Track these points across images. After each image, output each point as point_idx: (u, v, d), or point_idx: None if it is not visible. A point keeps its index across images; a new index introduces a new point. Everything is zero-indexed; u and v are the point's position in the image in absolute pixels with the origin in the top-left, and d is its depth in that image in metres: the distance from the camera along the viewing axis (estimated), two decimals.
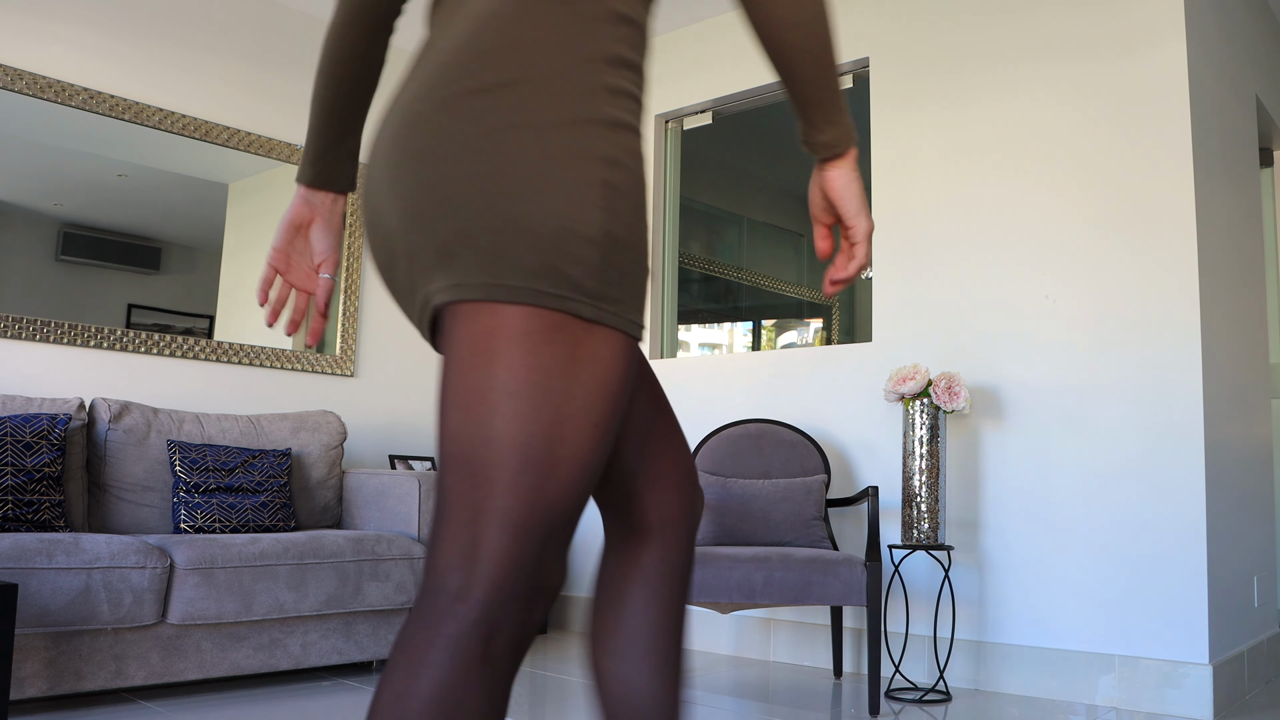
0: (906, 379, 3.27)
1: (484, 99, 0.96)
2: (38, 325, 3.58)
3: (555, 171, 0.94)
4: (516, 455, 0.93)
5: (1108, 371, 3.25)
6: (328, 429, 3.87)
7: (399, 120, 1.03)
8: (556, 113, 0.96)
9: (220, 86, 4.14)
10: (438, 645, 0.92)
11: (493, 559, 0.93)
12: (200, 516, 3.32)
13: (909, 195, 3.75)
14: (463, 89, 0.97)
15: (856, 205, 1.16)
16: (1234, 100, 3.72)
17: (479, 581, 0.93)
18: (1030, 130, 3.49)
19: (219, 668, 3.03)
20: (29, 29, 3.65)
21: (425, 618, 0.93)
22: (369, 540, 3.35)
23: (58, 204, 3.74)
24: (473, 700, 0.91)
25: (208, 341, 4.02)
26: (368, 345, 4.56)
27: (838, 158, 1.16)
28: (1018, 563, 3.36)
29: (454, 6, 1.05)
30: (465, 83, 0.97)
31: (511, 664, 0.97)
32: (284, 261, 1.24)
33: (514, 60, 0.97)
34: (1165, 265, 3.18)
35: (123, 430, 3.41)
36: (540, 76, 0.96)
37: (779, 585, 3.00)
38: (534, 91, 0.96)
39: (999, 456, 3.44)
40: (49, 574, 2.68)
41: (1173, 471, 3.10)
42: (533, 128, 0.95)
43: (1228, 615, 3.19)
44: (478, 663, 0.92)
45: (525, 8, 0.99)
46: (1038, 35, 3.51)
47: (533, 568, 0.95)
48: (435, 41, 1.04)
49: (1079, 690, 3.18)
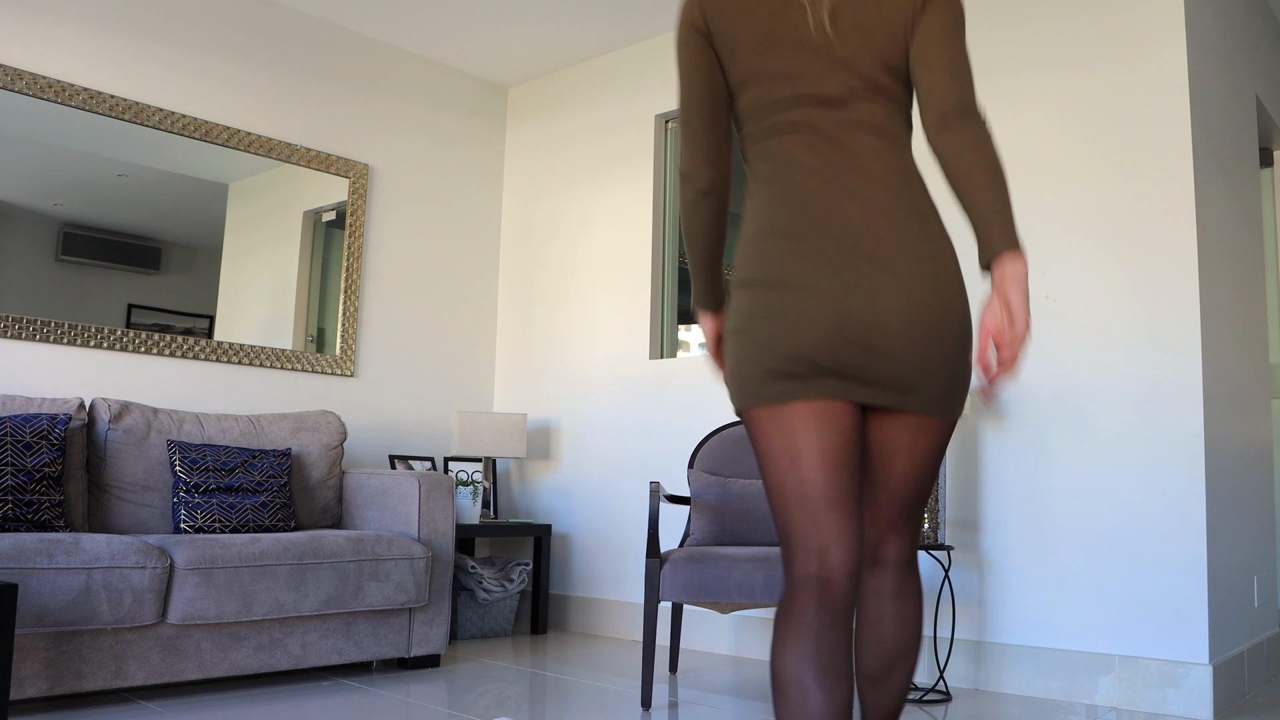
0: None
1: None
2: (38, 325, 3.58)
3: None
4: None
5: (1107, 372, 3.25)
6: (328, 429, 3.87)
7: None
8: None
9: (220, 86, 4.14)
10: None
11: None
12: (200, 516, 3.32)
13: None
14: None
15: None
16: (1234, 100, 3.72)
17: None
18: (1030, 130, 3.49)
19: (219, 668, 3.03)
20: (29, 29, 3.65)
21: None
22: (369, 540, 3.35)
23: (58, 204, 3.74)
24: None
25: (208, 341, 4.02)
26: (368, 345, 4.56)
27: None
28: (1017, 562, 3.36)
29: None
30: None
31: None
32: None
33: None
34: (1165, 265, 3.18)
35: (123, 430, 3.41)
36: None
37: (779, 585, 3.00)
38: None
39: (999, 456, 3.44)
40: (49, 574, 2.68)
41: (1173, 471, 3.10)
42: None
43: (1228, 615, 3.19)
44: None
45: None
46: (1038, 35, 3.50)
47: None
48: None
49: (1079, 690, 3.18)
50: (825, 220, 1.48)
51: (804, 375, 1.46)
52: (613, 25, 4.54)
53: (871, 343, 1.45)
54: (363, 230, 4.57)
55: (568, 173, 4.86)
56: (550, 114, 5.01)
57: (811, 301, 1.45)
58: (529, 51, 4.81)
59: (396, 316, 4.69)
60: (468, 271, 4.99)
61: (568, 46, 4.75)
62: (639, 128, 4.62)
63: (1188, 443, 3.08)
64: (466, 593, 4.21)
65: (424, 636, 3.50)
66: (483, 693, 3.20)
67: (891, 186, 1.51)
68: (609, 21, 4.50)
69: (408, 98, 4.80)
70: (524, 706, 3.03)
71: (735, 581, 3.01)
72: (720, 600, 3.06)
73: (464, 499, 4.39)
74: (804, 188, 1.51)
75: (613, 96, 4.75)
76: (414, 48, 4.78)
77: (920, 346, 1.47)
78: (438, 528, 3.59)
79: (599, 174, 4.74)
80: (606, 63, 4.81)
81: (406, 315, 4.72)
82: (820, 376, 1.46)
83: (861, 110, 1.54)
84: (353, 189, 4.53)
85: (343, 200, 4.52)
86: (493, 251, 5.11)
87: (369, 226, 4.61)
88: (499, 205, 5.15)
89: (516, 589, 4.32)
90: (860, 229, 1.47)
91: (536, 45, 4.74)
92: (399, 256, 4.72)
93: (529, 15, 4.45)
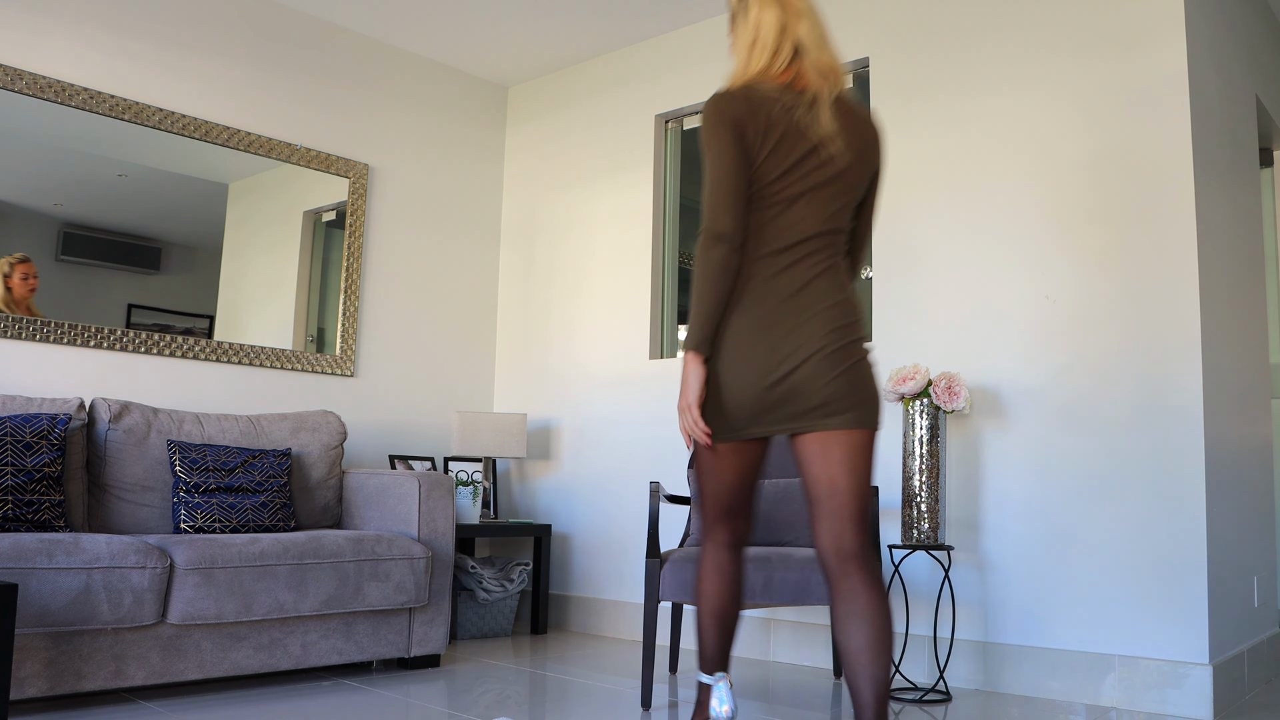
0: (906, 379, 3.27)
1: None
2: (38, 325, 3.58)
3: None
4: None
5: (1107, 372, 3.25)
6: (328, 429, 3.87)
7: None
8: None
9: (220, 86, 4.15)
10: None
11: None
12: (200, 516, 3.32)
13: (909, 195, 3.75)
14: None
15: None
16: (1234, 100, 3.72)
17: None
18: (1030, 130, 3.49)
19: (219, 668, 3.03)
20: (29, 29, 3.65)
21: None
22: (369, 540, 3.35)
23: (58, 204, 3.74)
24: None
25: (208, 341, 4.02)
26: (368, 345, 4.56)
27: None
28: (1018, 563, 3.36)
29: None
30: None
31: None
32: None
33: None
34: (1165, 265, 3.18)
35: (123, 430, 3.41)
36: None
37: (779, 585, 3.00)
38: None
39: (999, 456, 3.44)
40: (49, 574, 2.68)
41: (1172, 471, 3.10)
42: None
43: (1228, 615, 3.19)
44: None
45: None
46: (1037, 35, 3.50)
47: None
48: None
49: (1079, 690, 3.18)
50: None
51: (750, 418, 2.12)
52: (613, 25, 4.54)
53: (798, 385, 2.07)
54: (363, 230, 4.57)
55: (568, 173, 4.86)
56: (550, 114, 5.01)
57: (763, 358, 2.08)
58: (529, 51, 4.81)
59: (396, 316, 4.69)
60: (468, 271, 4.99)
61: (568, 46, 4.75)
62: (639, 128, 4.62)
63: (1187, 442, 3.08)
64: (466, 593, 4.21)
65: (424, 636, 3.50)
66: (483, 693, 3.20)
67: (837, 279, 2.16)
68: (609, 21, 4.50)
69: (408, 98, 4.80)
70: (524, 706, 3.03)
71: None
72: None
73: (464, 499, 4.39)
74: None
75: (613, 96, 4.75)
76: (414, 48, 4.78)
77: (830, 381, 2.07)
78: (438, 528, 3.59)
79: (599, 174, 4.74)
80: (606, 63, 4.81)
81: (406, 315, 4.72)
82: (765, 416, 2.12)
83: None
84: (353, 189, 4.53)
85: (343, 200, 4.52)
86: (493, 251, 5.11)
87: (369, 226, 4.61)
88: (499, 205, 5.15)
89: (516, 589, 4.32)
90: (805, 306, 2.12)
91: (536, 45, 4.74)
92: (399, 256, 4.72)
93: (529, 15, 4.45)
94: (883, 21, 3.91)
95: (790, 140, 2.03)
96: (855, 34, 3.98)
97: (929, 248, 3.68)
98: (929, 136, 3.72)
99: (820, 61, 2.10)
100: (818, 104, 2.06)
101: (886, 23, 3.90)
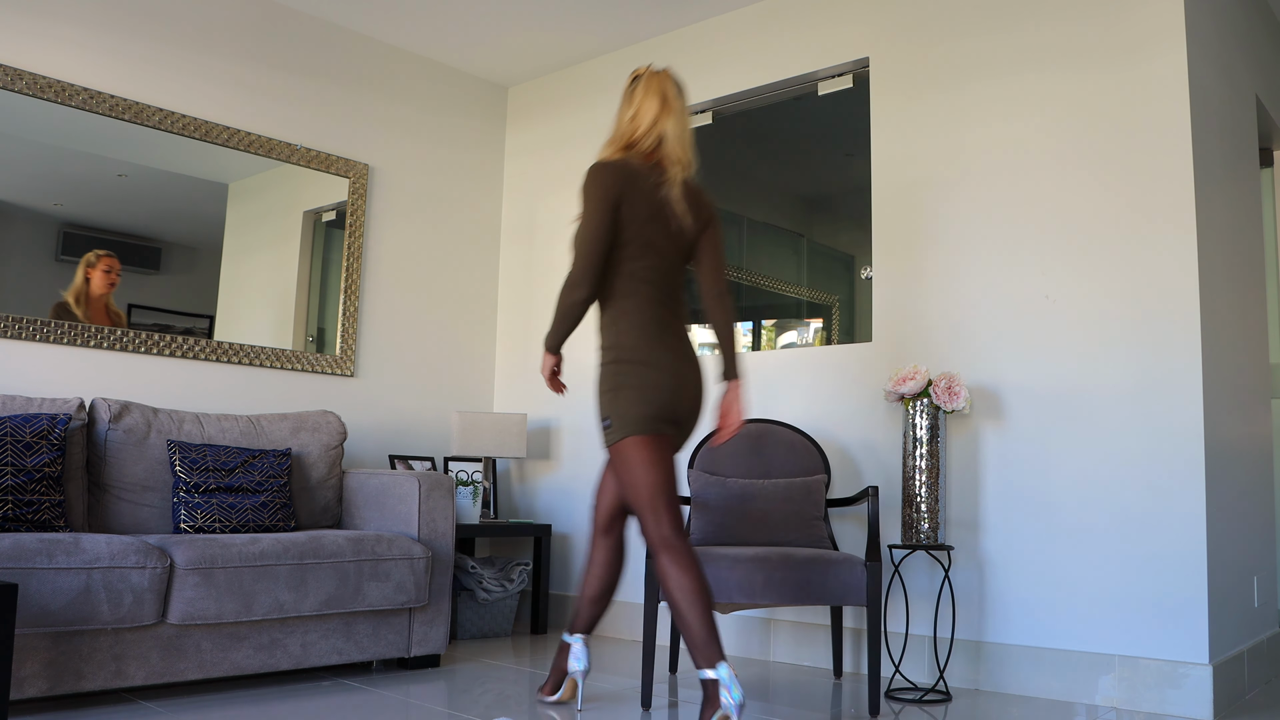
0: (906, 379, 3.27)
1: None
2: (38, 325, 3.58)
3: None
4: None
5: (1108, 371, 3.25)
6: (328, 429, 3.87)
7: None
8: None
9: (220, 86, 4.15)
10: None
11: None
12: (200, 516, 3.32)
13: (908, 195, 3.75)
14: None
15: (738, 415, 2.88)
16: (1234, 100, 3.72)
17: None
18: (1030, 129, 3.49)
19: (219, 668, 3.03)
20: (29, 29, 3.65)
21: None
22: (369, 540, 3.35)
23: (58, 204, 3.74)
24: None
25: (208, 341, 4.02)
26: (368, 345, 4.56)
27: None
28: (1018, 563, 3.36)
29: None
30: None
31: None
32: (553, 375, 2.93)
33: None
34: (1165, 265, 3.18)
35: (123, 430, 3.41)
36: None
37: (779, 585, 3.00)
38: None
39: (999, 456, 3.44)
40: (49, 574, 2.68)
41: (1173, 471, 3.10)
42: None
43: (1228, 615, 3.19)
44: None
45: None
46: (1038, 35, 3.50)
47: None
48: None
49: (1079, 690, 3.18)
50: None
51: (679, 420, 2.75)
52: (613, 25, 4.54)
53: (693, 409, 2.79)
54: (363, 230, 4.57)
55: (568, 173, 4.86)
56: (550, 114, 5.01)
57: (679, 376, 2.74)
58: (529, 51, 4.81)
59: (396, 316, 4.69)
60: (468, 272, 4.99)
61: (568, 46, 4.75)
62: None
63: (1187, 442, 3.08)
64: (466, 593, 4.21)
65: (424, 636, 3.50)
66: (483, 693, 3.20)
67: (684, 319, 2.84)
68: (609, 21, 4.50)
69: (408, 98, 4.80)
70: (524, 706, 3.03)
71: (735, 581, 3.01)
72: (720, 600, 3.05)
73: (464, 499, 4.39)
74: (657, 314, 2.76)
75: (613, 96, 4.74)
76: (414, 48, 4.78)
77: (698, 412, 2.80)
78: (438, 528, 3.59)
79: None
80: (606, 63, 4.81)
81: (406, 315, 4.72)
82: (685, 422, 2.77)
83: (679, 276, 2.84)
84: (353, 189, 4.53)
85: (343, 200, 4.52)
86: (493, 251, 5.11)
87: (369, 226, 4.61)
88: (499, 205, 5.15)
89: (516, 589, 4.32)
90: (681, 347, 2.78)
91: (536, 45, 4.74)
92: (399, 256, 4.72)
93: (529, 15, 4.45)
94: (883, 21, 3.91)
95: (652, 209, 2.71)
96: (855, 34, 3.98)
97: (929, 248, 3.68)
98: (928, 136, 3.72)
99: (676, 152, 2.77)
100: (672, 184, 2.74)
101: (886, 23, 3.90)
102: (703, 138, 4.72)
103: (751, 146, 5.39)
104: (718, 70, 4.39)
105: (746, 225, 5.90)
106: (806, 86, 4.23)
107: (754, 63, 4.28)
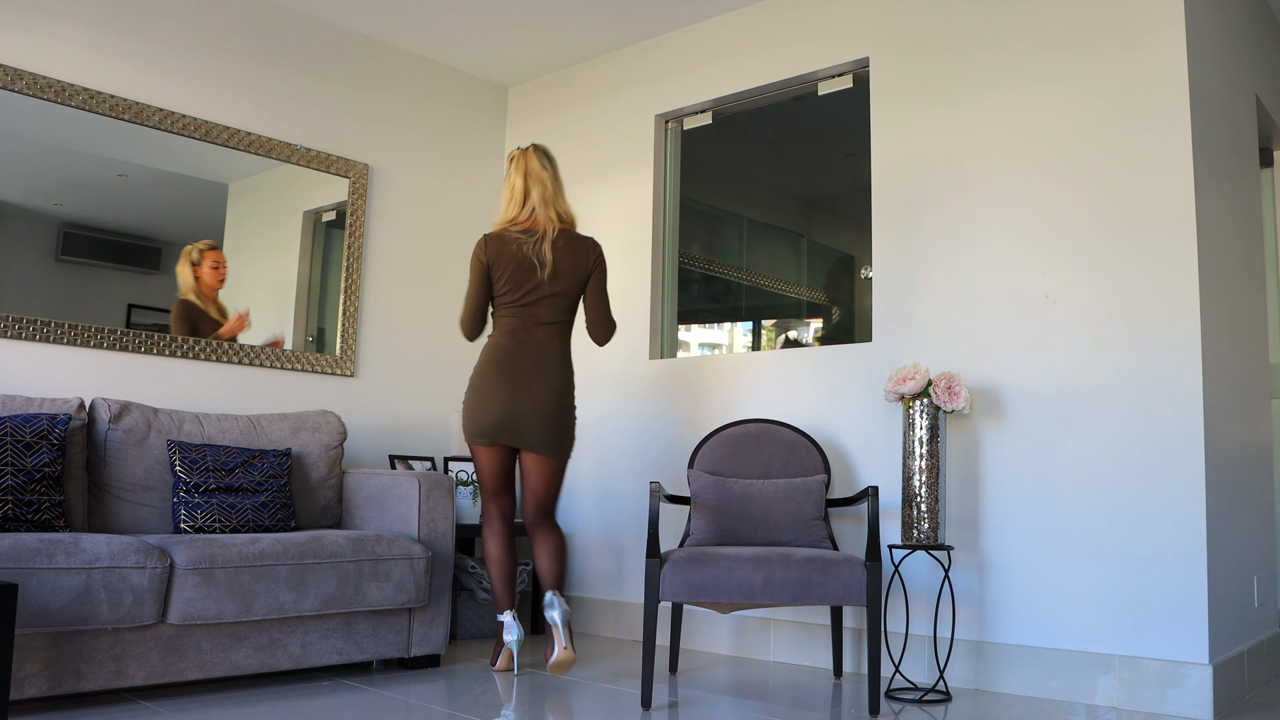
0: (906, 379, 3.27)
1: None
2: (38, 325, 3.58)
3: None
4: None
5: (1108, 372, 3.25)
6: (328, 429, 3.87)
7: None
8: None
9: (220, 86, 4.15)
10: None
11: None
12: (200, 516, 3.32)
13: (908, 195, 3.75)
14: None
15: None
16: (1234, 99, 3.72)
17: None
18: (1030, 130, 3.49)
19: (219, 668, 3.03)
20: (29, 29, 3.65)
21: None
22: (369, 540, 3.35)
23: (58, 204, 3.74)
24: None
25: (208, 341, 4.02)
26: (368, 345, 4.56)
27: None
28: (1018, 563, 3.36)
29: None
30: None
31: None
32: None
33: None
34: (1165, 265, 3.18)
35: (123, 430, 3.41)
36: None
37: (779, 585, 3.00)
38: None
39: (999, 456, 3.44)
40: (49, 574, 2.68)
41: (1173, 471, 3.10)
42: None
43: (1228, 615, 3.19)
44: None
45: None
46: (1037, 35, 3.50)
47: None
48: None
49: (1079, 690, 3.18)
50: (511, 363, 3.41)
51: (490, 434, 3.40)
52: (613, 25, 4.54)
53: (519, 421, 3.38)
54: (363, 230, 4.57)
55: (567, 173, 4.85)
56: (550, 114, 5.01)
57: (496, 399, 3.38)
58: (529, 51, 4.81)
59: (396, 316, 4.69)
60: (468, 272, 4.98)
61: (568, 46, 4.75)
62: (639, 128, 4.62)
63: (1187, 442, 3.08)
64: (466, 593, 4.21)
65: (424, 636, 3.50)
66: (483, 692, 3.20)
67: (548, 352, 3.44)
68: (609, 21, 4.50)
69: (408, 98, 4.80)
70: (524, 706, 3.03)
71: (735, 581, 3.01)
72: (720, 600, 3.05)
73: (464, 499, 4.39)
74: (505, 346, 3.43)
75: (612, 96, 4.75)
76: (414, 48, 4.78)
77: (537, 425, 3.38)
78: (438, 528, 3.59)
79: (599, 174, 4.74)
80: (606, 63, 4.81)
81: (406, 315, 4.72)
82: (496, 435, 3.40)
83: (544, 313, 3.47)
84: (353, 189, 4.53)
85: (343, 200, 4.52)
86: None
87: (369, 226, 4.62)
88: (499, 206, 5.15)
89: (516, 589, 4.32)
90: (523, 369, 3.40)
91: (536, 45, 4.74)
92: (399, 256, 4.72)
93: (529, 15, 4.45)
94: (883, 21, 3.91)
95: (519, 264, 3.40)
96: (855, 34, 3.98)
97: (929, 248, 3.68)
98: (928, 136, 3.72)
99: (546, 213, 3.45)
100: (544, 240, 3.41)
101: (886, 23, 3.90)
102: (703, 138, 4.73)
103: (751, 146, 5.39)
104: (718, 70, 4.39)
105: (746, 225, 5.90)
106: (807, 86, 4.23)
107: (754, 63, 4.28)
